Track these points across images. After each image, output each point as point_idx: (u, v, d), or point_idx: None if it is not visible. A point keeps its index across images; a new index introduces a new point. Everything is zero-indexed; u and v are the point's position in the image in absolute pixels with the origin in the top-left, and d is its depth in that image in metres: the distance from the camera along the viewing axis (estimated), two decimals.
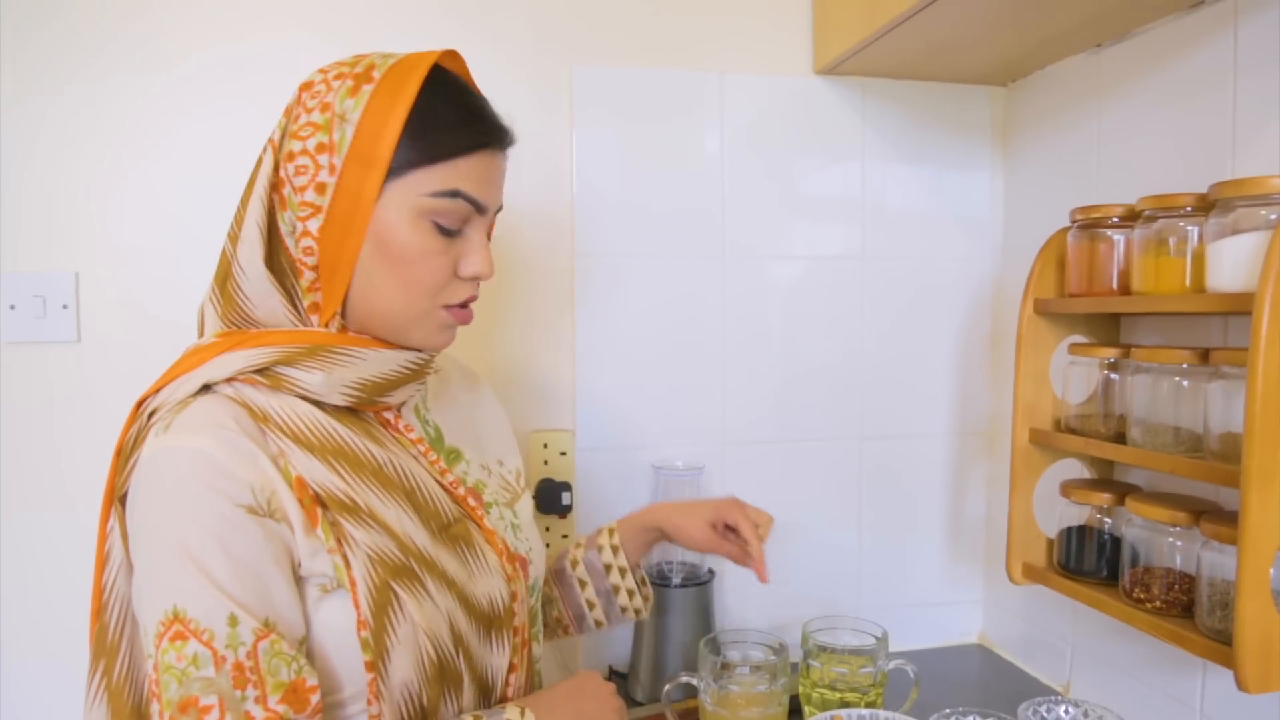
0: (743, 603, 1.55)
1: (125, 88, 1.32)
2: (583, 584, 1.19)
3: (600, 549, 1.19)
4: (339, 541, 0.79)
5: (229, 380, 0.83)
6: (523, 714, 0.85)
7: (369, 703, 0.80)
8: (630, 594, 1.19)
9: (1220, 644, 0.99)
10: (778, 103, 1.52)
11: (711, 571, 1.47)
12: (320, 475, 0.81)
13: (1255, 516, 0.91)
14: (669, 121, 1.48)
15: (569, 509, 1.43)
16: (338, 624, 0.80)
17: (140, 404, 0.85)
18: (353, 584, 0.79)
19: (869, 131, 1.56)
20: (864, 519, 1.61)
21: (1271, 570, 0.94)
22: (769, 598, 1.54)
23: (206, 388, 0.82)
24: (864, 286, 1.58)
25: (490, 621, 0.90)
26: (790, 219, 1.54)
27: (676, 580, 1.43)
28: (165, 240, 1.34)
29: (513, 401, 1.42)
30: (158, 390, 0.84)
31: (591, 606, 1.19)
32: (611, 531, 1.20)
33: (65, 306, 1.33)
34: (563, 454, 1.46)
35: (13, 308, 1.31)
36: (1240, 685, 0.94)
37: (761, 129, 1.52)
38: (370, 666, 0.79)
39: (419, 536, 0.85)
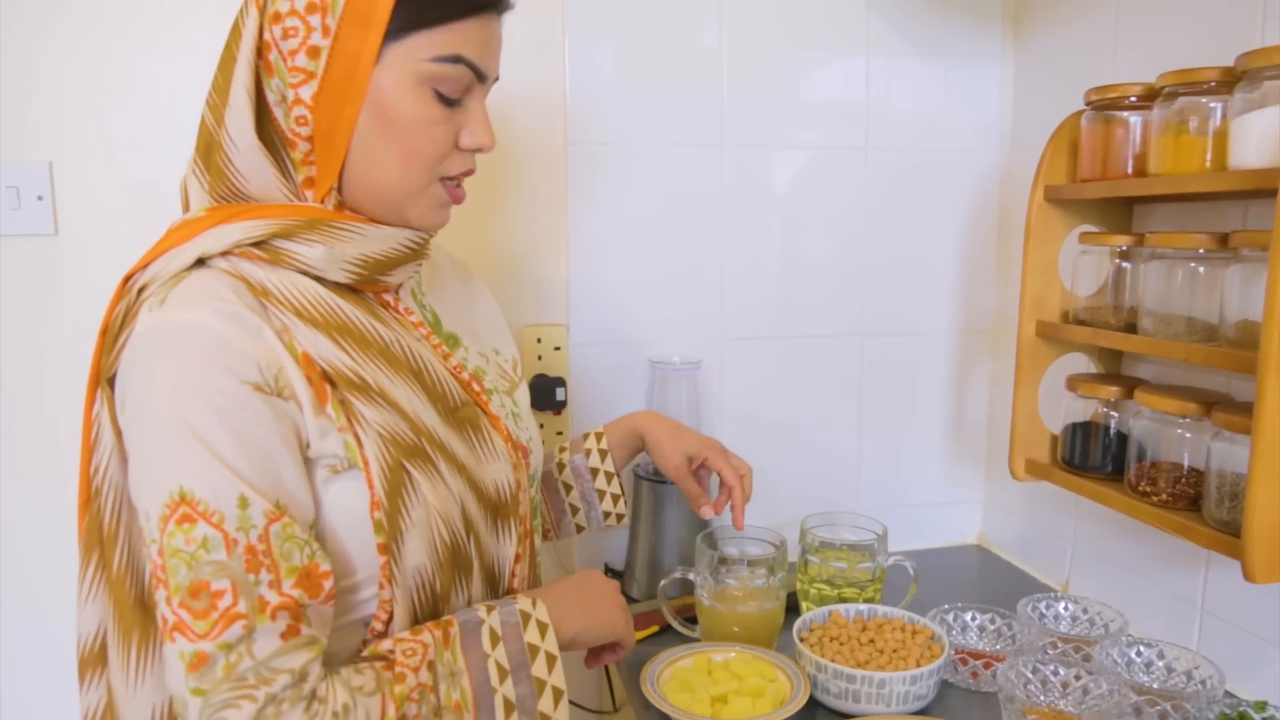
0: None
1: None
2: (567, 487, 1.17)
3: (588, 453, 1.17)
4: (350, 420, 0.76)
5: (224, 254, 0.78)
6: (534, 604, 0.83)
7: (381, 586, 0.78)
8: (615, 499, 1.17)
9: (1228, 535, 0.97)
10: None
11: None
12: (327, 351, 0.77)
13: (1272, 402, 0.88)
14: (666, 6, 1.41)
15: (564, 405, 1.40)
16: (350, 505, 0.77)
17: (127, 280, 0.80)
18: (365, 463, 0.76)
19: (874, 18, 1.49)
20: (864, 418, 1.59)
21: None
22: (766, 495, 1.51)
23: (200, 262, 0.78)
24: (867, 180, 1.52)
25: (497, 508, 0.87)
26: (792, 107, 1.48)
27: None
28: (140, 125, 1.28)
29: (505, 296, 1.38)
30: (147, 265, 0.79)
31: (574, 511, 1.17)
32: (599, 436, 1.18)
33: (40, 198, 1.28)
34: (557, 349, 1.42)
35: None
36: (1247, 575, 0.92)
37: (763, 13, 1.44)
38: (383, 549, 0.76)
39: (429, 417, 0.82)
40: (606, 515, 1.17)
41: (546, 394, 1.38)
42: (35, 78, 1.25)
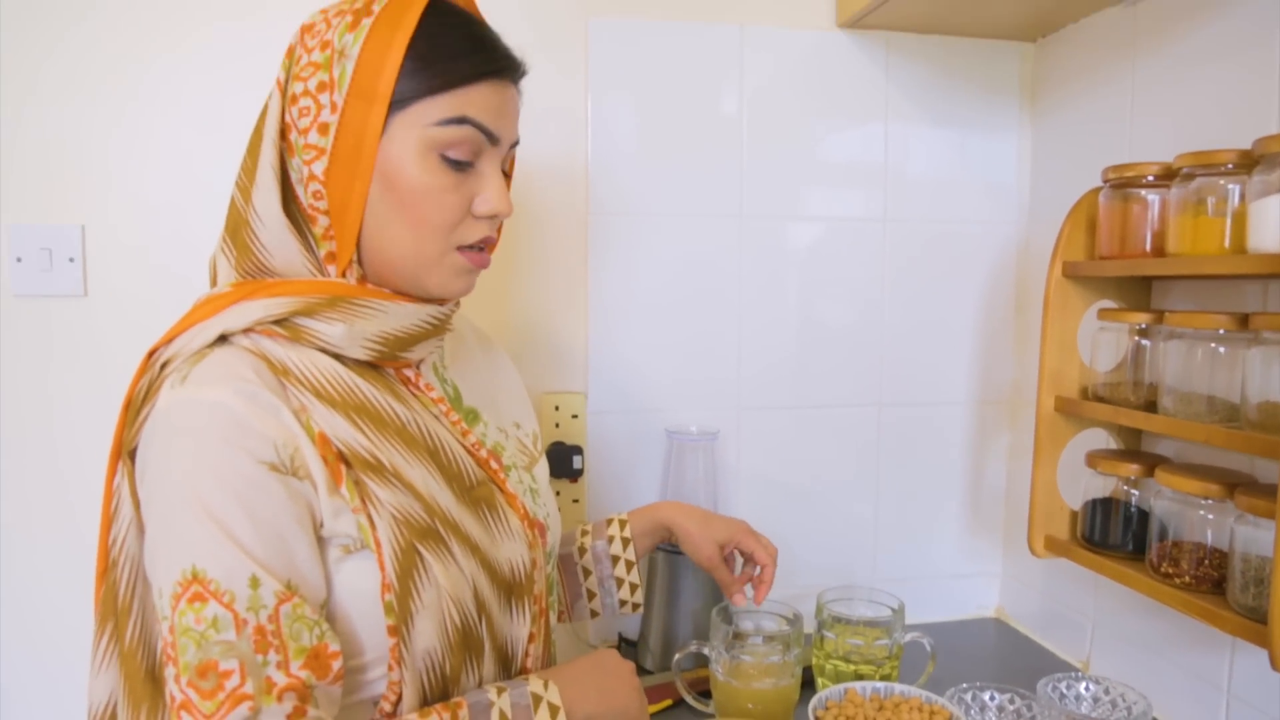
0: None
1: (129, 34, 1.28)
2: (586, 572, 1.17)
3: (610, 540, 1.17)
4: (364, 501, 0.76)
5: (246, 331, 0.79)
6: (546, 686, 0.82)
7: (390, 668, 0.77)
8: (633, 588, 1.17)
9: (1254, 622, 0.95)
10: (799, 57, 1.47)
11: None
12: (344, 432, 0.78)
13: None
14: (687, 76, 1.43)
15: (580, 473, 1.40)
16: (360, 586, 0.77)
17: (151, 354, 0.81)
18: (378, 545, 0.76)
19: (892, 88, 1.51)
20: (881, 488, 1.58)
21: None
22: (781, 564, 1.50)
23: (223, 338, 0.79)
24: (885, 249, 1.53)
25: (511, 588, 0.86)
26: (810, 178, 1.50)
27: None
28: (173, 192, 1.31)
29: (524, 362, 1.39)
30: (170, 340, 0.80)
31: (590, 596, 1.17)
32: (623, 523, 1.18)
33: (72, 260, 1.30)
34: (574, 416, 1.42)
35: (19, 260, 1.29)
36: (1275, 664, 0.90)
37: (782, 84, 1.47)
38: (393, 631, 0.76)
39: (443, 498, 0.82)
40: (623, 604, 1.17)
41: (563, 461, 1.38)
42: (71, 141, 1.28)
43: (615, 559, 1.16)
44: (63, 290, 1.30)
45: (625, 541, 1.16)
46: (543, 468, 1.02)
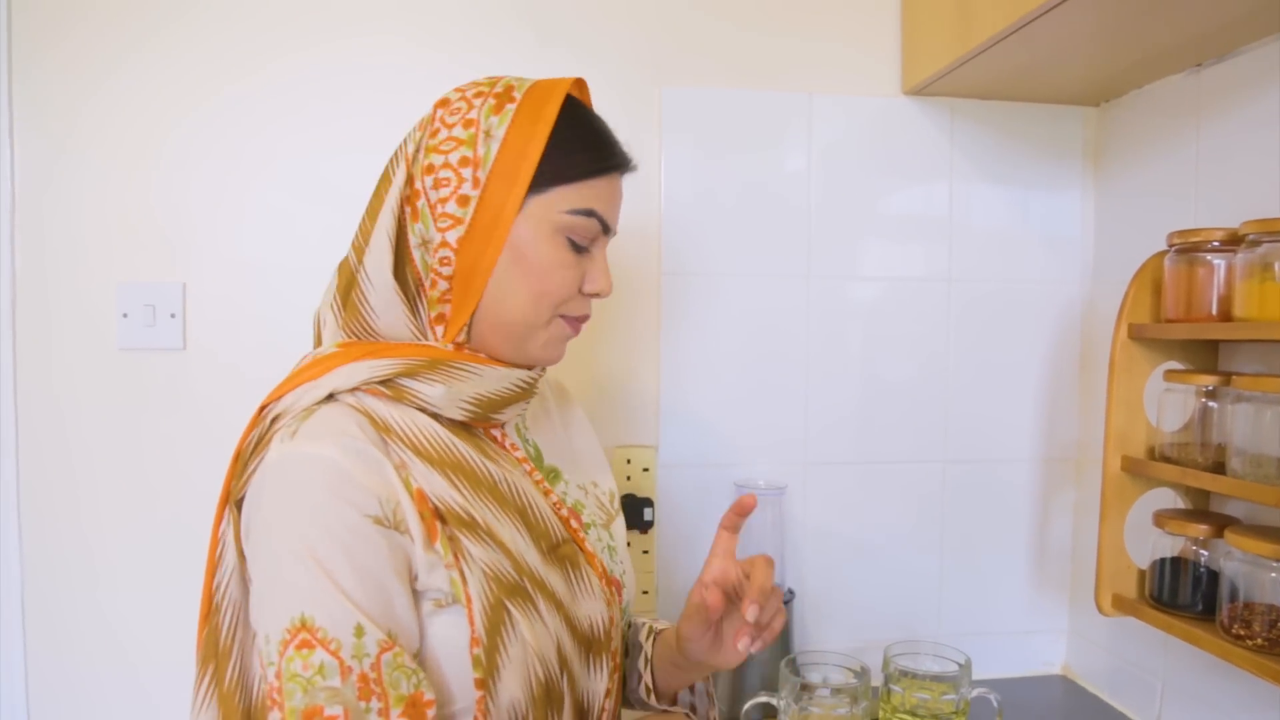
0: (820, 625, 1.54)
1: (230, 103, 1.37)
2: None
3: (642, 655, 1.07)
4: (456, 557, 0.80)
5: (353, 390, 0.84)
6: None
7: (475, 719, 0.80)
8: (649, 691, 1.04)
9: None
10: (865, 123, 1.52)
11: (791, 592, 1.46)
12: (440, 489, 0.81)
13: None
14: (756, 141, 1.49)
15: (650, 525, 1.44)
16: (451, 638, 0.80)
17: (263, 409, 0.86)
18: (469, 600, 0.79)
19: (956, 153, 1.55)
20: (946, 543, 1.59)
21: None
22: (848, 621, 1.53)
23: (331, 396, 0.83)
24: (949, 308, 1.56)
25: (591, 644, 0.89)
26: (876, 239, 1.54)
27: None
28: (266, 253, 1.39)
29: (598, 417, 1.44)
30: (281, 396, 0.85)
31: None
32: (652, 634, 1.06)
33: (173, 315, 1.38)
34: (645, 470, 1.47)
35: (125, 316, 1.37)
36: None
37: (848, 149, 1.52)
38: (480, 684, 0.79)
39: (531, 556, 0.85)
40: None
41: (634, 514, 1.42)
42: (177, 204, 1.37)
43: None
44: (164, 344, 1.38)
45: (646, 659, 1.04)
46: (619, 525, 1.05)
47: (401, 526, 0.79)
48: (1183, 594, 1.21)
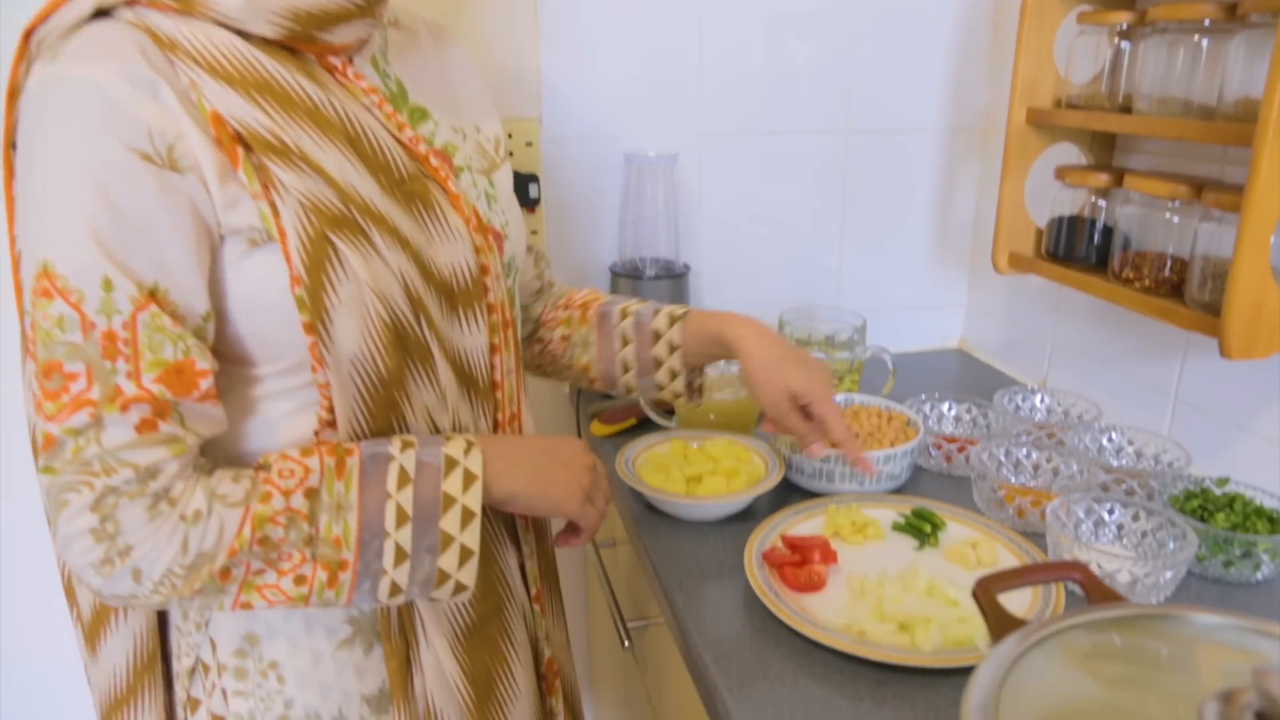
0: (718, 299, 1.52)
1: None
2: (625, 340, 1.04)
3: (656, 313, 1.03)
4: (265, 186, 0.70)
5: (130, 3, 0.71)
6: (468, 450, 0.76)
7: (313, 369, 0.73)
8: (673, 374, 1.03)
9: (1208, 315, 0.96)
10: None
11: (687, 266, 1.43)
12: (241, 110, 0.70)
13: (1264, 175, 0.85)
14: None
15: (537, 202, 1.36)
16: (269, 279, 0.71)
17: (28, 34, 0.73)
18: (282, 234, 0.70)
19: None
20: (847, 217, 1.55)
21: (1271, 239, 0.90)
22: (745, 295, 1.51)
23: (103, 12, 0.70)
24: None
25: (454, 293, 0.82)
26: None
27: (650, 273, 1.39)
28: None
29: None
30: (46, 17, 0.72)
31: (625, 369, 1.04)
32: (674, 319, 1.03)
33: None
34: (528, 144, 1.37)
35: None
36: (1224, 352, 0.92)
37: None
38: (309, 329, 0.71)
39: (364, 186, 0.75)
40: (660, 388, 1.04)
41: (519, 191, 1.33)
42: None
43: (657, 335, 1.03)
44: None
45: (671, 348, 1.02)
46: (504, 173, 0.95)
47: (184, 163, 0.68)
48: (1079, 247, 1.20)
